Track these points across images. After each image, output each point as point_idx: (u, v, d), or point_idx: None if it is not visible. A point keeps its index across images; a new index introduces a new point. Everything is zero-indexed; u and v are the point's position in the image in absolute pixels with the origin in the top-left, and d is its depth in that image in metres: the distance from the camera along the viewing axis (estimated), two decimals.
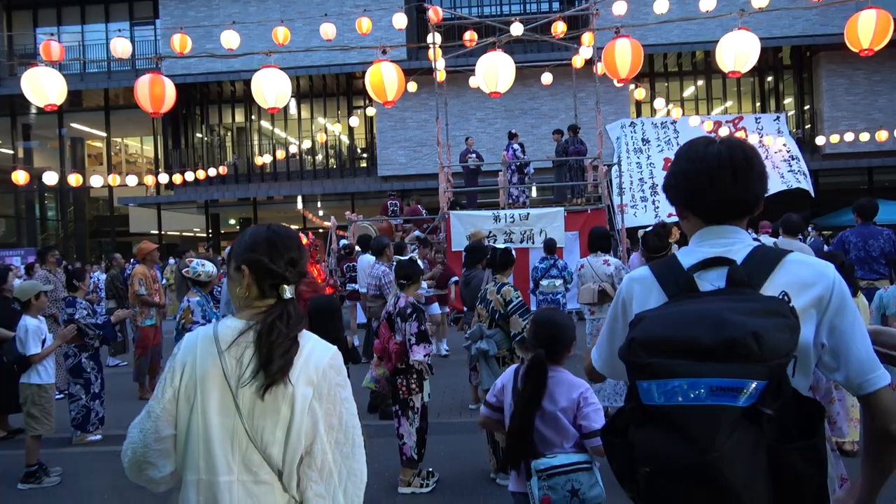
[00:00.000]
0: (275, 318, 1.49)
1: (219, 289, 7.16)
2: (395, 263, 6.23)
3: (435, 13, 11.74)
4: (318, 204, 23.40)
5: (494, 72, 6.12)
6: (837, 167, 19.54)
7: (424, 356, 4.25)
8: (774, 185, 15.48)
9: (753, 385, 1.07)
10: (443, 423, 5.64)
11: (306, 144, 22.14)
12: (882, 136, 15.84)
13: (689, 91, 21.75)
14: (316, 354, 1.53)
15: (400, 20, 12.35)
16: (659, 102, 16.22)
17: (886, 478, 1.32)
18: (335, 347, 1.60)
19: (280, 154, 19.14)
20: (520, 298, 4.44)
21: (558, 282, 7.80)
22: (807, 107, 20.80)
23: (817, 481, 1.13)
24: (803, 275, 1.29)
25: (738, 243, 1.36)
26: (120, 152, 25.36)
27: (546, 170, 14.78)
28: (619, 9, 11.19)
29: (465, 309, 7.20)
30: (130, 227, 23.68)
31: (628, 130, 17.13)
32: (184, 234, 24.78)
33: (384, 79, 5.87)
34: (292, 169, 22.13)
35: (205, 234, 23.64)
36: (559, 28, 11.94)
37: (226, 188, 21.85)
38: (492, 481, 4.47)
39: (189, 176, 17.23)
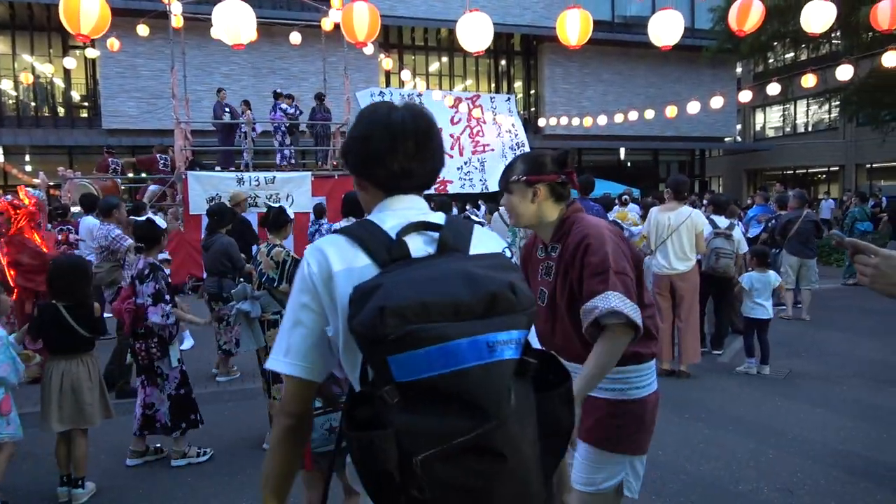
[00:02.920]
0: None
1: None
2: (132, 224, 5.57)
3: None
4: (26, 157, 19.90)
5: (234, 22, 5.71)
6: (554, 146, 22.26)
7: (162, 317, 3.97)
8: (499, 184, 17.30)
9: (518, 335, 1.05)
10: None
11: (6, 84, 18.54)
12: (588, 122, 18.47)
13: (434, 66, 22.89)
14: None
15: None
16: (406, 74, 16.78)
17: None
18: None
19: None
20: (292, 258, 4.32)
21: None
22: (532, 91, 23.32)
23: (573, 422, 1.17)
24: (491, 241, 1.31)
25: (429, 212, 1.29)
26: None
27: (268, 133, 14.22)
28: None
29: (204, 276, 6.74)
30: None
31: (378, 99, 17.48)
32: None
33: (81, 7, 5.05)
34: None
35: None
36: None
37: None
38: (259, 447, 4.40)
39: None
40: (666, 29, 6.35)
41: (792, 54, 24.19)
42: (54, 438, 3.71)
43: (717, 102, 13.67)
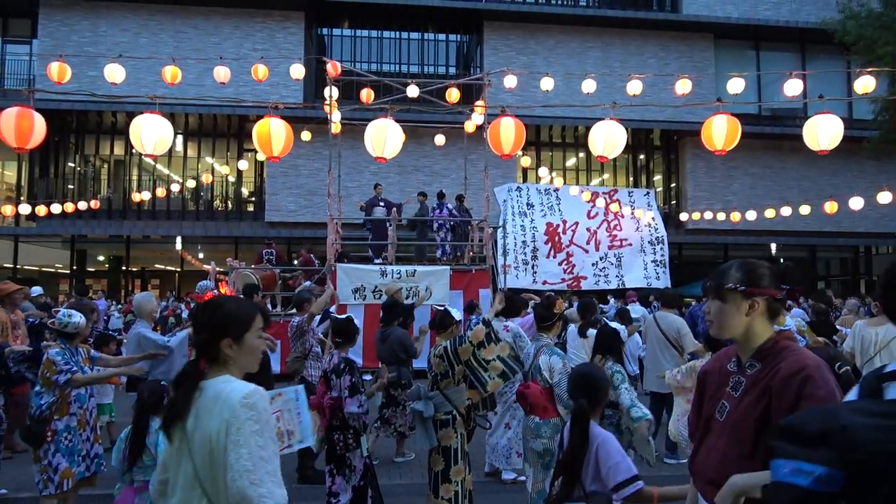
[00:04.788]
0: None
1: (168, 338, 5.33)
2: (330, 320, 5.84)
3: (334, 68, 11.90)
4: (199, 246, 22.38)
5: (382, 137, 6.27)
6: (698, 241, 21.43)
7: (357, 408, 4.22)
8: (637, 280, 17.03)
9: (822, 471, 1.12)
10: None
11: (190, 184, 21.24)
12: (735, 216, 17.61)
13: (571, 161, 23.20)
14: (230, 394, 1.79)
15: (297, 71, 12.38)
16: (543, 171, 17.18)
17: None
18: (251, 387, 1.83)
19: (160, 191, 18.23)
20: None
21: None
22: (673, 185, 22.79)
23: None
24: None
25: None
26: None
27: (404, 227, 14.91)
28: (510, 82, 11.89)
29: (379, 365, 7.11)
30: None
31: (514, 194, 17.93)
32: (43, 269, 22.76)
33: (271, 134, 5.83)
34: (173, 208, 21.11)
35: (67, 271, 21.84)
36: (453, 95, 12.47)
37: (96, 223, 20.41)
38: None
39: (55, 208, 15.97)
40: (822, 132, 6.05)
41: None
42: None
43: (884, 198, 12.59)
